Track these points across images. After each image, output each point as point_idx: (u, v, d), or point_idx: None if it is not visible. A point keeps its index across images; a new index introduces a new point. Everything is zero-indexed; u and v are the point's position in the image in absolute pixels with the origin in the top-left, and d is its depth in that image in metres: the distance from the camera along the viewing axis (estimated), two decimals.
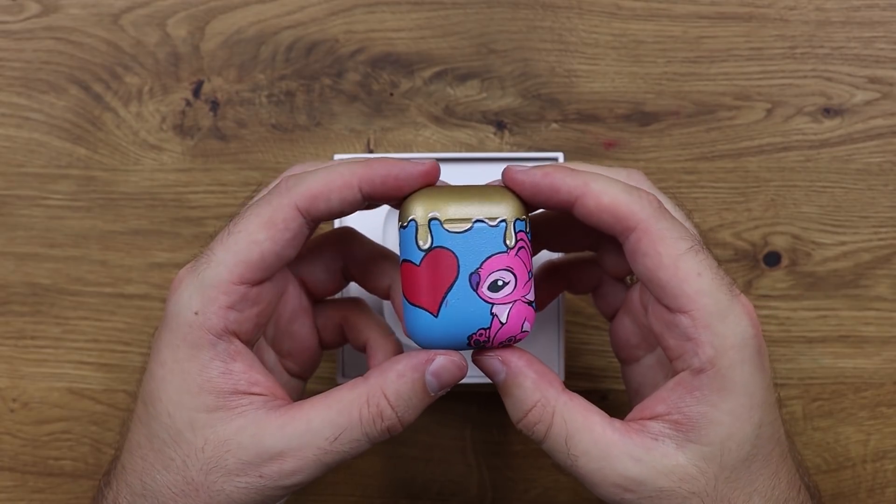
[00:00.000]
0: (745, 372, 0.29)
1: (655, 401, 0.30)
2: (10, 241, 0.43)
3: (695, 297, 0.28)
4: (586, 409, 0.30)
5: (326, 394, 0.29)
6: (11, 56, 0.44)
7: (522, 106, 0.43)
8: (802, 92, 0.43)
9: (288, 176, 0.30)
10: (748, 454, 0.29)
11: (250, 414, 0.28)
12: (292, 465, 0.28)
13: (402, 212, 0.29)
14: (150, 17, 0.43)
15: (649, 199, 0.29)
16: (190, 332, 0.29)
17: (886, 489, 0.43)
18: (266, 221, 0.29)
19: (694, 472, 0.29)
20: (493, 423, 0.43)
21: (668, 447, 0.29)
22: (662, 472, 0.29)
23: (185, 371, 0.29)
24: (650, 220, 0.29)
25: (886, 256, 0.42)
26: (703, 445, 0.29)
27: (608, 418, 0.30)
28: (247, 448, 0.28)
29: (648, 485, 0.29)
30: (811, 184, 0.43)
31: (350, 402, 0.28)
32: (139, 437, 0.29)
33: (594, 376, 0.43)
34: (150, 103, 0.43)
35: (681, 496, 0.29)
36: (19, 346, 0.43)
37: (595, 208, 0.29)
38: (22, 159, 0.43)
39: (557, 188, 0.29)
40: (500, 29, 0.43)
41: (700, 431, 0.29)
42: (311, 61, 0.43)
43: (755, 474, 0.29)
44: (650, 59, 0.43)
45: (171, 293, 0.30)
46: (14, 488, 0.43)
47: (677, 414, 0.29)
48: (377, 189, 0.29)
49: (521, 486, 0.42)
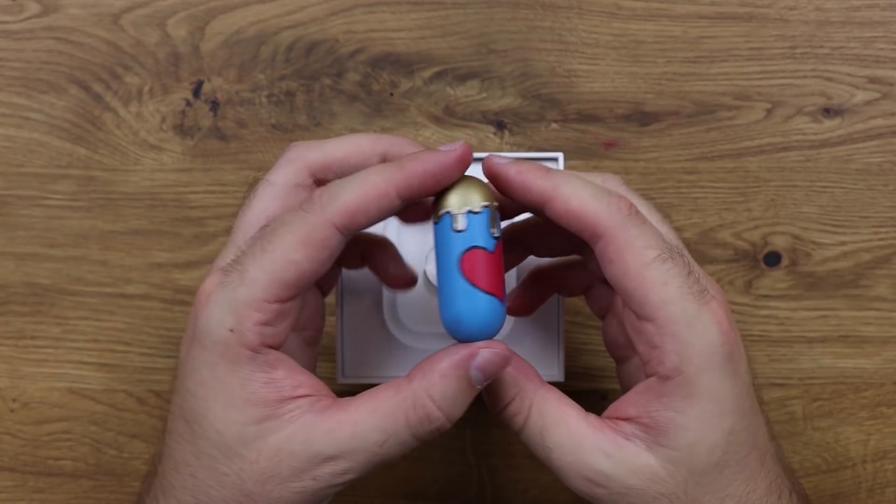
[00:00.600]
0: (713, 379, 0.28)
1: (626, 403, 0.30)
2: (10, 241, 0.43)
3: (660, 307, 0.28)
4: (562, 402, 0.30)
5: (371, 395, 0.29)
6: (11, 56, 0.44)
7: (522, 106, 0.43)
8: (802, 92, 0.43)
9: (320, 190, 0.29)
10: (720, 460, 0.29)
11: (298, 420, 0.28)
12: (344, 465, 0.28)
13: (459, 199, 0.29)
14: (150, 17, 0.43)
15: (619, 204, 0.29)
16: (227, 349, 0.28)
17: (886, 489, 0.43)
18: (303, 240, 0.28)
19: (663, 473, 0.29)
20: (493, 422, 0.43)
21: (638, 447, 0.29)
22: (632, 470, 0.29)
23: (228, 387, 0.28)
24: (617, 227, 0.29)
25: (886, 256, 0.42)
26: (671, 450, 0.29)
27: (584, 413, 0.30)
28: (298, 455, 0.28)
29: (618, 481, 0.29)
30: (811, 184, 0.43)
31: (395, 406, 0.28)
32: (185, 455, 0.29)
33: (594, 376, 0.43)
34: (150, 103, 0.43)
35: (650, 496, 0.29)
36: (19, 346, 0.43)
37: (564, 212, 0.29)
38: (22, 159, 0.43)
39: (529, 188, 0.29)
40: (500, 29, 0.43)
41: (668, 436, 0.29)
42: (311, 61, 0.43)
43: (728, 479, 0.29)
44: (650, 59, 0.43)
45: (198, 308, 0.29)
46: (14, 488, 0.43)
47: (646, 418, 0.29)
48: (415, 191, 0.28)
49: (521, 486, 0.42)
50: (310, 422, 0.28)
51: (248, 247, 0.29)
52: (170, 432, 0.30)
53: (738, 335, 0.30)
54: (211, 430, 0.28)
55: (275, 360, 0.29)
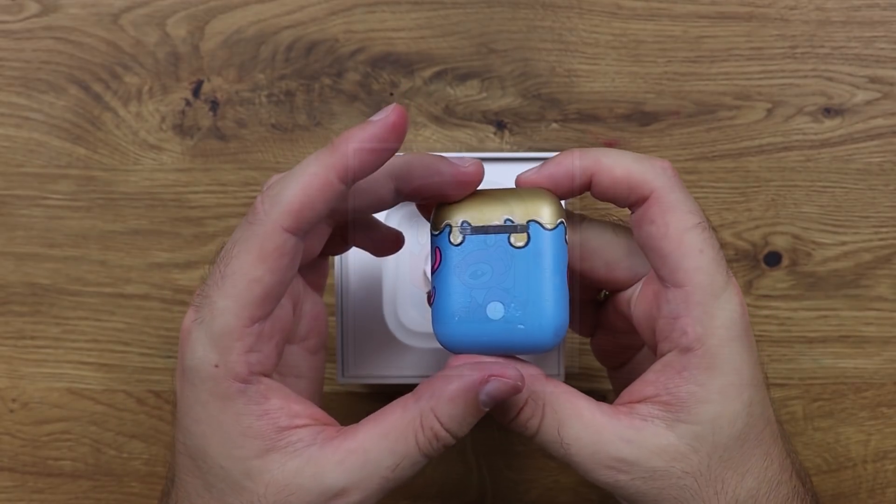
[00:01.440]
0: (734, 350, 0.29)
1: (643, 384, 0.30)
2: (10, 241, 0.43)
3: (693, 273, 0.29)
4: (573, 396, 0.30)
5: (377, 417, 0.28)
6: (11, 56, 0.43)
7: (522, 106, 0.43)
8: (803, 92, 0.43)
9: (261, 197, 0.28)
10: (740, 432, 0.29)
11: (304, 452, 0.28)
12: (357, 497, 0.28)
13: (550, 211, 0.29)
14: (149, 16, 0.43)
15: (663, 166, 0.29)
16: (215, 385, 0.27)
17: (887, 489, 0.43)
18: (258, 255, 0.27)
19: (686, 450, 0.29)
20: (493, 423, 0.42)
21: (658, 427, 0.29)
22: (654, 452, 0.28)
23: (222, 423, 0.28)
24: (664, 188, 0.29)
25: (887, 256, 0.42)
26: (694, 424, 0.29)
27: (596, 402, 0.30)
28: (309, 490, 0.27)
29: (641, 465, 0.28)
30: (812, 184, 0.43)
31: (405, 427, 0.28)
32: (196, 487, 0.29)
33: (593, 376, 0.43)
34: (150, 103, 0.43)
35: (675, 475, 0.28)
36: (19, 347, 0.43)
37: (610, 182, 0.29)
38: (21, 159, 0.43)
39: (572, 174, 0.30)
40: (500, 29, 0.43)
41: (690, 411, 0.29)
42: (310, 61, 0.43)
43: (748, 454, 0.29)
44: (650, 59, 0.43)
45: (182, 346, 0.28)
46: (14, 488, 0.43)
47: (666, 395, 0.29)
48: (356, 171, 0.27)
49: (522, 487, 0.42)
50: (316, 454, 0.27)
51: (209, 277, 0.28)
52: (178, 465, 0.29)
53: None
54: (216, 467, 0.28)
55: (266, 389, 0.28)
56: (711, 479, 0.29)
